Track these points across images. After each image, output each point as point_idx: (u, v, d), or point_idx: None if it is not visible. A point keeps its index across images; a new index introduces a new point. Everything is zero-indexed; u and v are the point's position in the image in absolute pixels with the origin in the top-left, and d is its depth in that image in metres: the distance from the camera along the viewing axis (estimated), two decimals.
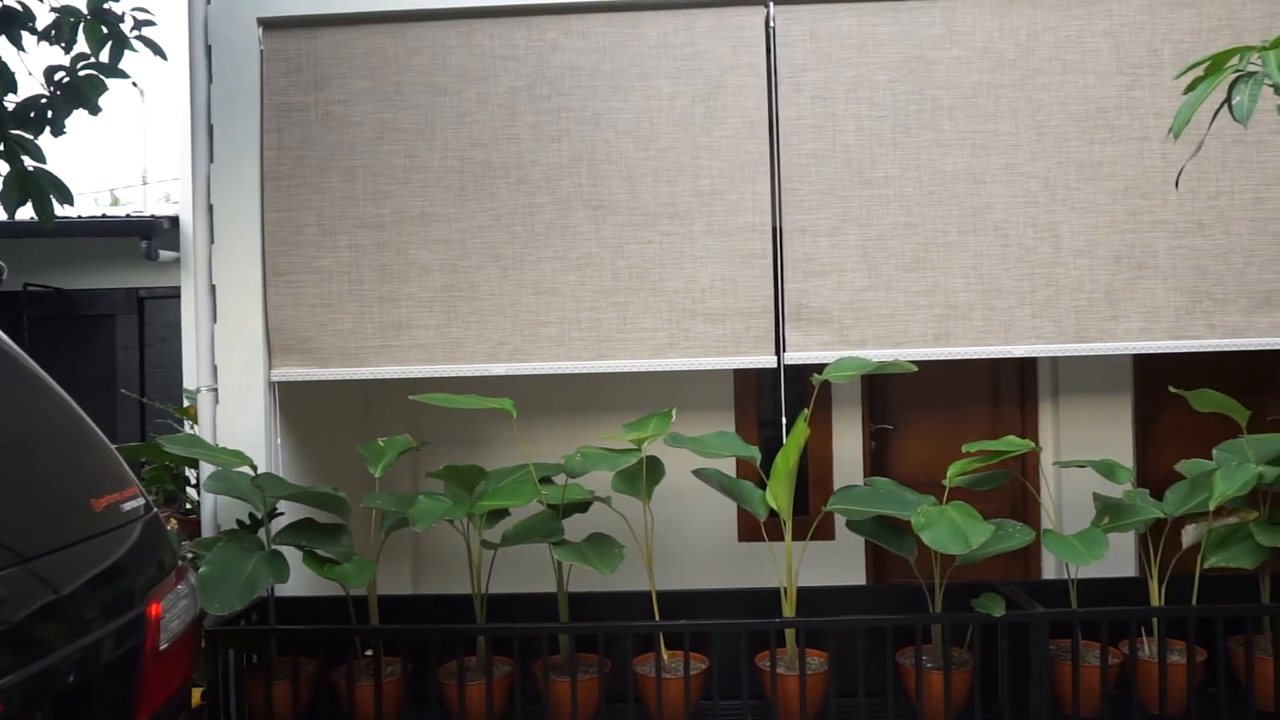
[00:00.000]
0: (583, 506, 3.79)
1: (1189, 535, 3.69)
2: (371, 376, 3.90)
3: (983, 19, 3.89)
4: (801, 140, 3.89)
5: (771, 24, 3.92)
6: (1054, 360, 4.84)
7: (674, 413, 3.69)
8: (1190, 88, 2.45)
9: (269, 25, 3.98)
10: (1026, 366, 4.88)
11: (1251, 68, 2.33)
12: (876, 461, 4.88)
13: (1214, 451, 3.76)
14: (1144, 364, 4.76)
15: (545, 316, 3.91)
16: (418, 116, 3.96)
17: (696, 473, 3.80)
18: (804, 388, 3.76)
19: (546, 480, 3.80)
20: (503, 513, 3.77)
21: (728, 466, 4.61)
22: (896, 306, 3.86)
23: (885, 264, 3.86)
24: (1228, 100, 2.36)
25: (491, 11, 3.97)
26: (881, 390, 4.87)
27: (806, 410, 3.54)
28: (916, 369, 3.53)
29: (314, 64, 3.99)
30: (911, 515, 3.43)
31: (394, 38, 3.99)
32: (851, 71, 3.89)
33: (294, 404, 4.21)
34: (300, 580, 3.84)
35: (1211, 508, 3.47)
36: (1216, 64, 2.41)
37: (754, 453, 3.70)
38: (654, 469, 3.76)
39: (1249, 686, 3.57)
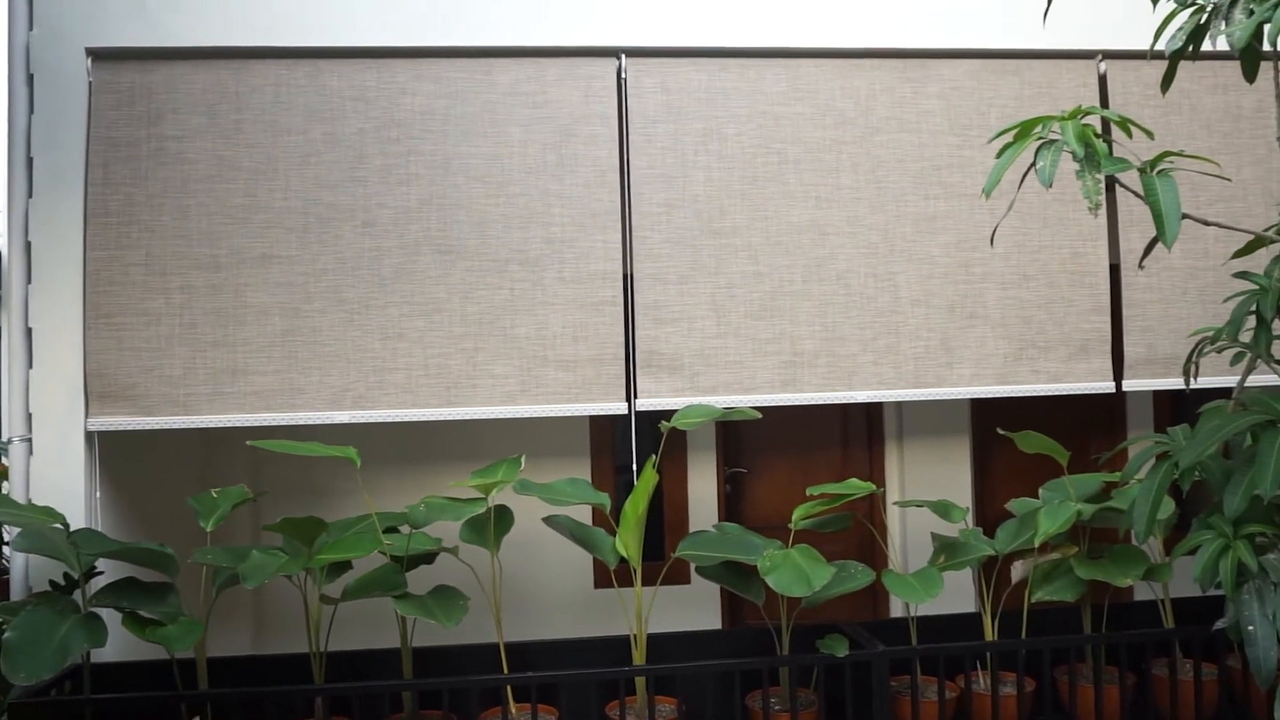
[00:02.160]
0: (428, 557, 3.69)
1: (1018, 571, 3.87)
2: (202, 425, 3.71)
3: (825, 78, 4.06)
4: (653, 190, 3.95)
5: (623, 75, 3.98)
6: (898, 404, 5.03)
7: (523, 460, 3.64)
8: (1001, 153, 2.60)
9: (99, 56, 3.79)
10: (873, 410, 5.05)
11: (1053, 136, 2.49)
12: (731, 504, 4.95)
13: (1040, 490, 3.96)
14: (980, 407, 4.99)
15: (392, 363, 3.81)
16: (259, 155, 3.83)
17: (547, 520, 3.76)
18: (658, 433, 3.78)
19: (392, 531, 3.68)
20: (345, 566, 3.63)
21: (584, 513, 4.58)
22: (745, 353, 3.93)
23: (734, 312, 3.93)
24: (1034, 165, 2.52)
25: (340, 52, 3.89)
26: (735, 434, 4.95)
27: (655, 457, 3.56)
28: (760, 415, 3.60)
29: (147, 97, 3.81)
30: (758, 559, 3.47)
31: (236, 74, 3.86)
32: (701, 124, 3.98)
33: (122, 454, 3.96)
34: (123, 645, 3.59)
35: (1037, 544, 3.65)
36: (1024, 131, 2.56)
37: (604, 500, 3.69)
38: (503, 518, 3.69)
39: (1073, 713, 3.75)
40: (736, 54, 4.02)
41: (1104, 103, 4.18)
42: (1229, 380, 3.02)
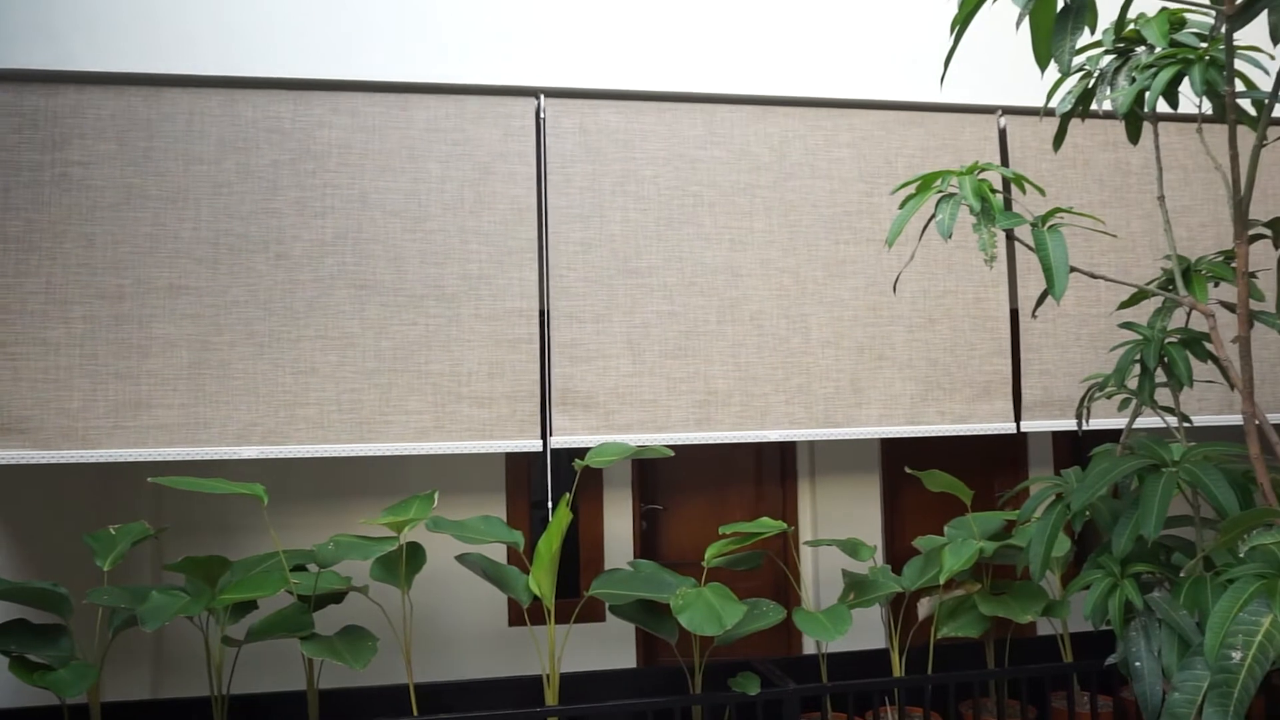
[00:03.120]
0: (337, 597, 3.61)
1: (924, 607, 3.97)
2: (102, 459, 3.59)
3: (740, 123, 4.16)
4: (570, 229, 3.98)
5: (542, 115, 4.02)
6: (810, 442, 5.12)
7: (436, 496, 3.61)
8: (904, 204, 2.70)
9: (1, 78, 3.68)
10: (786, 448, 5.13)
11: (951, 190, 2.61)
12: (647, 541, 4.96)
13: (945, 528, 4.08)
14: (890, 445, 5.12)
15: (303, 397, 3.75)
16: (169, 184, 3.76)
17: (460, 558, 3.72)
18: (574, 471, 3.78)
19: (300, 569, 3.61)
20: (250, 606, 3.54)
21: (499, 550, 4.55)
22: (660, 392, 3.97)
23: (649, 351, 3.98)
24: (934, 217, 2.62)
25: (256, 82, 3.84)
26: (652, 471, 4.98)
27: (568, 495, 3.56)
28: (673, 454, 3.64)
29: (52, 122, 3.71)
30: (670, 598, 3.49)
31: (147, 100, 3.78)
32: (619, 165, 4.04)
33: (16, 489, 3.81)
34: (11, 691, 3.43)
35: (942, 581, 3.75)
36: (924, 185, 2.68)
37: (517, 538, 3.67)
38: (415, 555, 3.65)
39: None
40: (654, 98, 4.10)
41: (1004, 156, 4.38)
42: (1121, 422, 3.16)
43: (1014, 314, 4.33)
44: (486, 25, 3.97)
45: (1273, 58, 2.42)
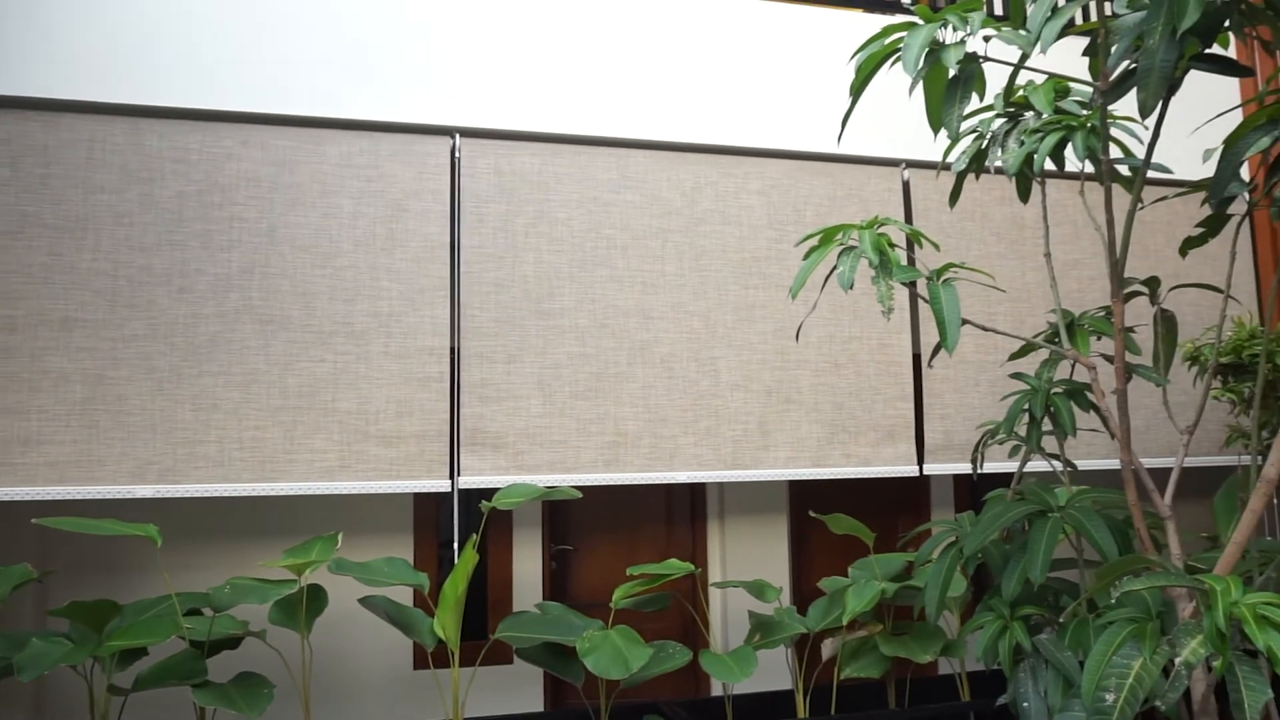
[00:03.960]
0: (233, 642, 3.50)
1: (828, 648, 4.03)
2: None
3: (654, 169, 4.23)
4: (483, 268, 3.98)
5: (457, 154, 4.03)
6: (720, 483, 5.18)
7: (340, 538, 3.54)
8: (808, 255, 2.79)
9: None
10: (697, 489, 5.17)
11: (852, 243, 2.70)
12: (557, 582, 4.93)
13: (849, 569, 4.15)
14: (798, 486, 5.20)
15: (203, 435, 3.65)
16: (67, 212, 3.65)
17: (363, 601, 3.64)
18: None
19: (194, 613, 3.49)
20: (140, 652, 3.40)
21: (405, 592, 4.46)
22: (569, 433, 3.98)
23: (560, 392, 3.99)
24: (835, 269, 2.71)
25: (162, 112, 3.77)
26: (563, 511, 4.96)
27: (475, 536, 3.53)
28: (581, 495, 3.64)
29: None
30: (577, 641, 3.48)
31: (45, 127, 3.68)
32: (533, 206, 4.07)
33: None
34: None
35: (845, 622, 3.81)
36: (827, 237, 2.76)
37: (422, 580, 3.62)
38: (316, 598, 3.56)
39: None
40: (569, 141, 4.15)
41: (908, 207, 4.54)
42: (1015, 467, 3.27)
43: (916, 359, 4.47)
44: (404, 64, 3.98)
45: (1146, 128, 2.58)
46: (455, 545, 3.86)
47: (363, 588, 3.63)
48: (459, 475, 3.86)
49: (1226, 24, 2.24)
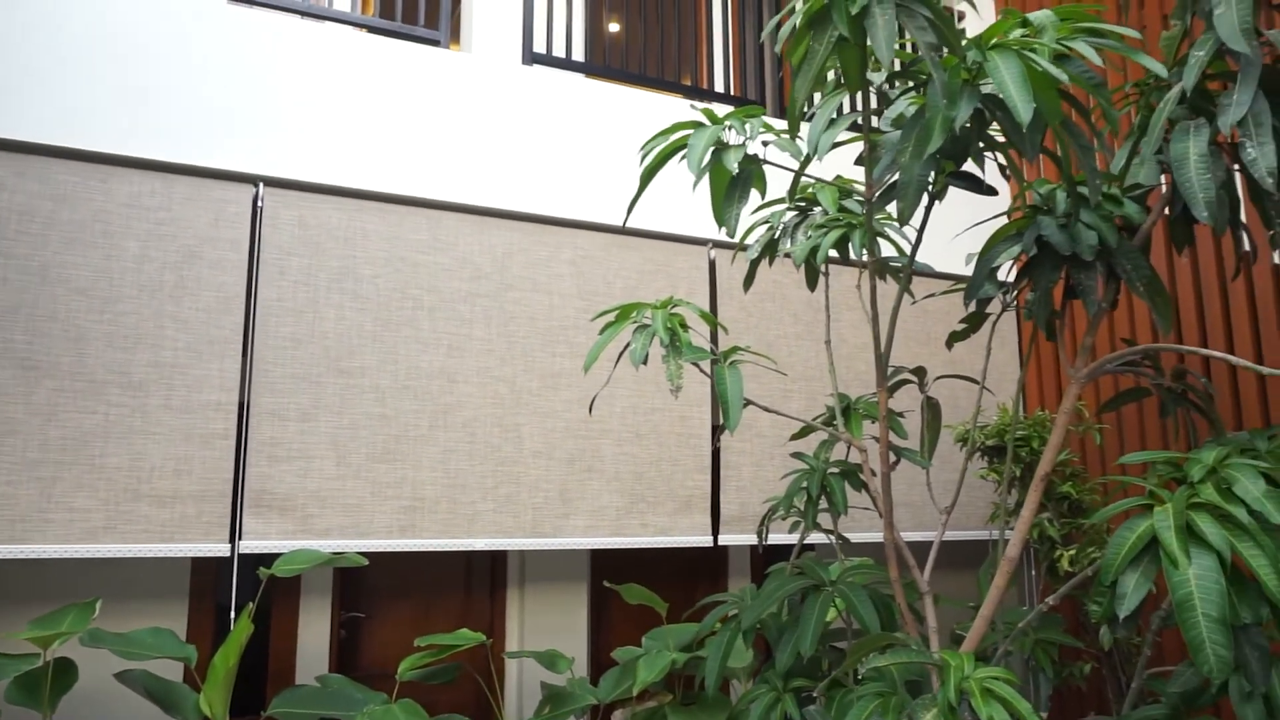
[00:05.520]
0: None
1: (618, 719, 4.03)
2: None
3: (465, 232, 4.23)
4: (280, 322, 3.84)
5: (260, 203, 3.90)
6: (522, 551, 5.13)
7: (98, 605, 3.27)
8: (603, 330, 2.85)
9: None
10: (498, 556, 5.10)
11: (646, 322, 2.78)
12: (346, 652, 4.71)
13: (643, 639, 4.19)
14: (600, 555, 5.23)
15: None
16: None
17: (119, 676, 3.36)
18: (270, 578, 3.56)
19: None
20: None
21: (174, 665, 4.15)
22: (364, 496, 3.86)
23: (356, 453, 3.87)
24: (628, 346, 2.78)
25: None
26: (356, 576, 4.77)
27: (251, 605, 3.35)
28: (367, 563, 3.53)
29: None
30: (357, 715, 3.33)
31: None
32: (337, 262, 3.97)
33: None
34: None
35: (635, 693, 3.82)
36: (623, 314, 2.83)
37: (189, 653, 3.38)
38: (64, 674, 3.26)
39: None
40: (380, 198, 4.10)
41: (713, 284, 4.73)
42: (811, 537, 3.42)
43: (715, 431, 4.62)
44: (209, 106, 3.84)
45: (916, 230, 2.81)
46: (232, 616, 3.64)
47: (122, 662, 3.36)
48: (240, 539, 3.66)
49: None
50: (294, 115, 3.97)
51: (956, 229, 5.10)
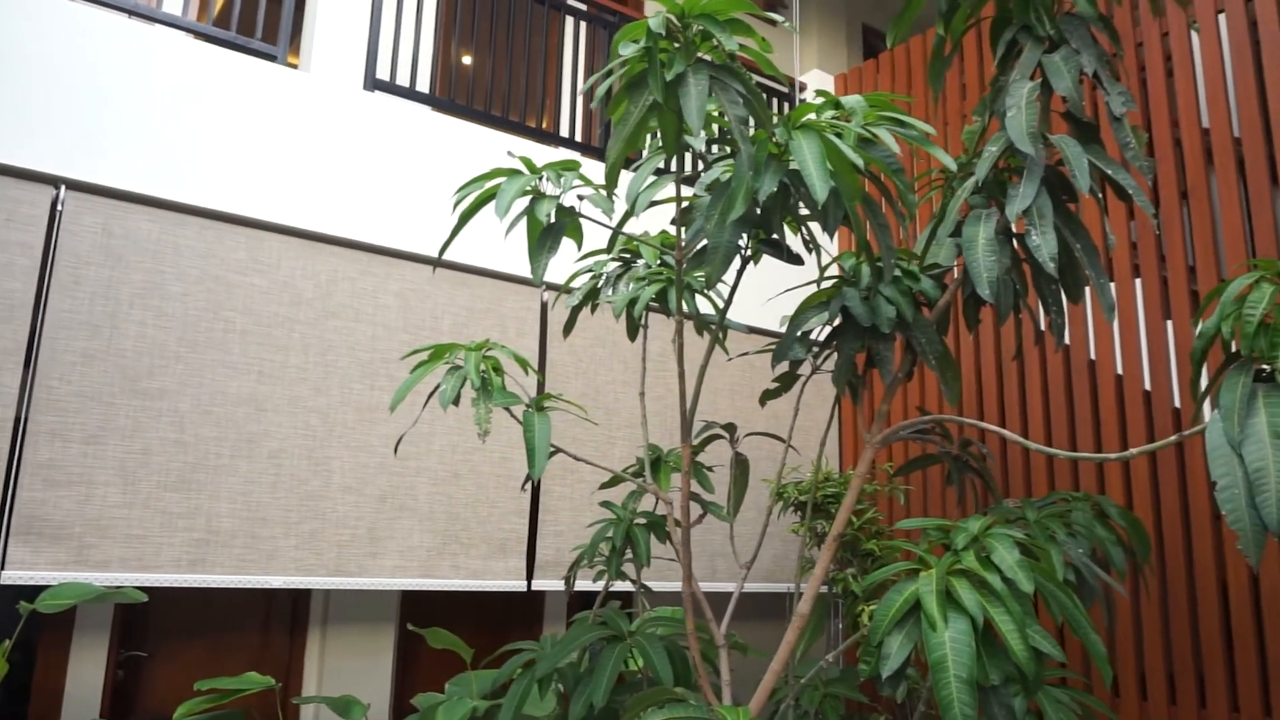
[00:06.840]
0: None
1: None
2: None
3: (288, 254, 4.08)
4: (71, 336, 3.58)
5: (60, 207, 3.64)
6: (327, 590, 4.92)
7: None
8: (415, 370, 2.79)
9: None
10: (300, 595, 4.88)
11: (458, 363, 2.74)
12: (124, 694, 4.37)
13: (446, 685, 4.08)
14: (411, 597, 5.07)
15: None
16: None
17: None
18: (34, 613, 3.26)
19: None
20: None
21: None
22: (152, 527, 3.62)
23: (146, 480, 3.63)
24: (438, 387, 2.73)
25: None
26: (140, 613, 4.44)
27: (8, 642, 3.06)
28: (146, 598, 3.30)
29: None
30: None
31: None
32: (142, 276, 3.75)
33: None
34: None
35: None
36: (436, 355, 2.79)
37: None
38: None
39: None
40: (197, 212, 3.91)
41: (544, 325, 4.72)
42: (613, 586, 3.41)
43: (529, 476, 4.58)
44: (8, 98, 3.57)
45: (728, 288, 2.90)
46: None
47: None
48: (3, 569, 3.35)
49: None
50: (109, 117, 3.75)
51: (778, 288, 5.30)
